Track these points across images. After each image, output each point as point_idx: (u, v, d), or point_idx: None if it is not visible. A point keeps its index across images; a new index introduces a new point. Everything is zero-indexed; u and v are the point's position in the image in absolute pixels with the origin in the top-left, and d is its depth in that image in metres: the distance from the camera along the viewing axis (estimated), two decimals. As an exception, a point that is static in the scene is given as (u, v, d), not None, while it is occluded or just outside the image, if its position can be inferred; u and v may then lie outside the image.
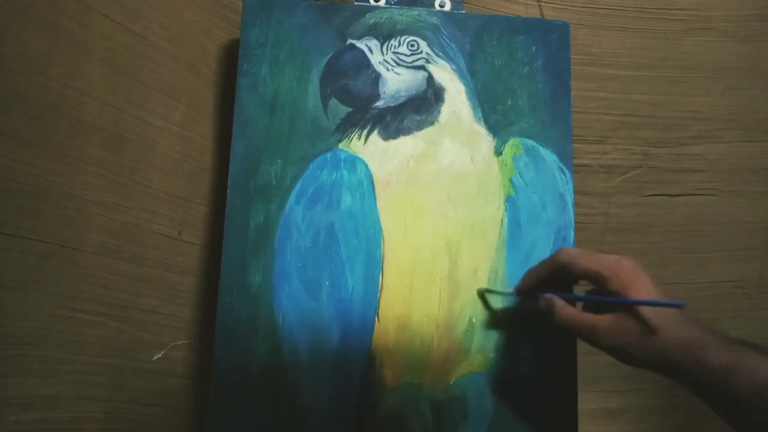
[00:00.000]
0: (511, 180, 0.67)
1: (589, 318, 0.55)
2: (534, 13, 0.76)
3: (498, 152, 0.67)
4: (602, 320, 0.54)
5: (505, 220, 0.66)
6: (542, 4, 0.76)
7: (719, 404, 0.51)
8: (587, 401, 0.66)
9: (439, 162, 0.67)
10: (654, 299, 0.52)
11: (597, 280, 0.56)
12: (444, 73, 0.68)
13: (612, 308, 0.54)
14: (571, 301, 0.59)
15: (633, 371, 0.74)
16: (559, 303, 0.58)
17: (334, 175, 0.65)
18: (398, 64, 0.68)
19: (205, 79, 0.70)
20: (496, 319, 0.65)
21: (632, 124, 0.77)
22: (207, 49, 0.70)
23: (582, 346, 0.66)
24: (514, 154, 0.67)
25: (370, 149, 0.66)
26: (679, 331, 0.51)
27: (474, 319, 0.65)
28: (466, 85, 0.68)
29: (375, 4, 0.69)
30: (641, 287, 0.53)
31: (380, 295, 0.64)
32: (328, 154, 0.65)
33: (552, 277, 0.60)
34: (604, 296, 0.55)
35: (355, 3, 0.69)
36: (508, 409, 0.64)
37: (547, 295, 0.59)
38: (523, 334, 0.65)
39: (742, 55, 0.79)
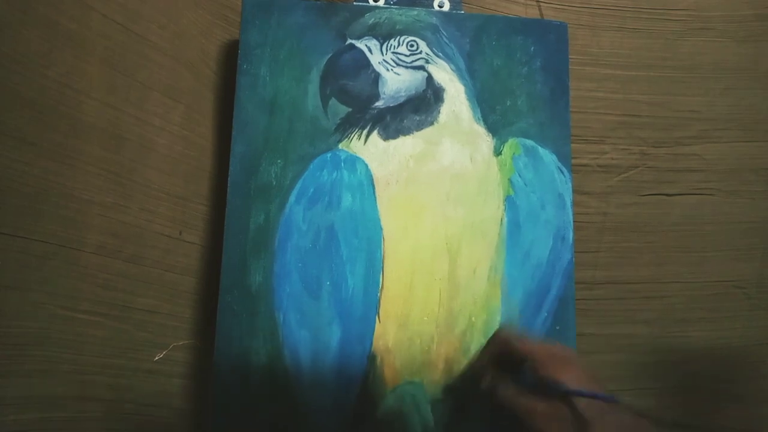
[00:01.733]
0: (510, 180, 0.67)
1: (529, 402, 0.55)
2: (533, 13, 0.76)
3: (497, 152, 0.68)
4: (540, 406, 0.54)
5: (505, 219, 0.66)
6: (541, 4, 0.76)
7: None
8: (586, 401, 0.66)
9: (438, 162, 0.67)
10: (587, 390, 0.52)
11: (533, 364, 0.56)
12: (443, 74, 0.68)
13: (551, 396, 0.54)
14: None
15: (633, 372, 0.74)
16: (501, 383, 0.58)
17: (334, 175, 0.65)
18: (398, 64, 0.68)
19: (204, 79, 0.70)
20: (496, 318, 0.65)
21: (631, 124, 0.77)
22: (207, 50, 0.70)
23: (581, 346, 0.66)
24: (514, 154, 0.68)
25: (370, 149, 0.66)
26: (611, 425, 0.51)
27: (474, 319, 0.65)
28: (465, 85, 0.68)
29: (374, 4, 0.70)
30: (571, 377, 0.53)
31: (380, 295, 0.64)
32: (328, 154, 0.65)
33: (498, 359, 0.60)
34: (547, 383, 0.55)
35: (355, 3, 0.69)
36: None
37: (491, 373, 0.59)
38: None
39: (741, 55, 0.79)
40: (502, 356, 0.60)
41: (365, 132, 0.66)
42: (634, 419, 0.51)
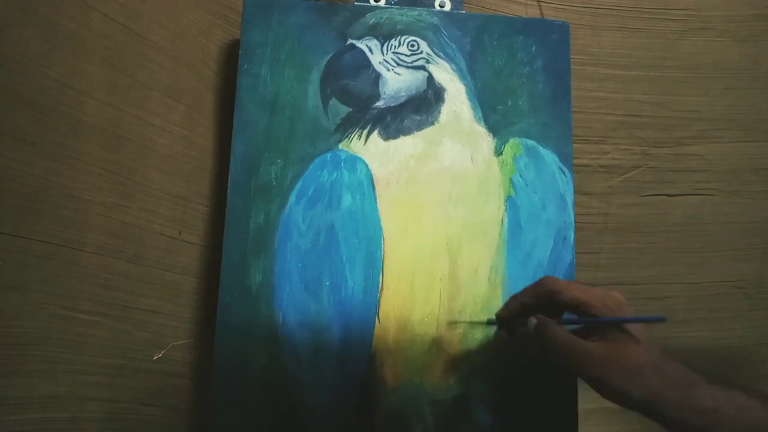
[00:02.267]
0: (511, 180, 0.67)
1: (584, 344, 0.52)
2: (534, 13, 0.76)
3: (498, 152, 0.68)
4: (596, 347, 0.52)
5: (506, 220, 0.66)
6: (542, 4, 0.76)
7: None
8: (587, 401, 0.66)
9: (439, 162, 0.67)
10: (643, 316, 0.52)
11: (585, 311, 0.54)
12: (444, 73, 0.68)
13: (604, 338, 0.52)
14: None
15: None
16: (553, 325, 0.55)
17: (335, 175, 0.65)
18: (398, 64, 0.68)
19: (205, 79, 0.70)
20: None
21: (632, 124, 0.77)
22: (207, 49, 0.70)
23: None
24: (515, 154, 0.68)
25: (371, 149, 0.66)
26: (671, 368, 0.50)
27: (474, 319, 0.65)
28: (466, 85, 0.68)
29: (375, 4, 0.69)
30: (632, 326, 0.52)
31: (380, 295, 0.64)
32: (329, 154, 0.65)
33: (536, 305, 0.58)
34: (592, 318, 0.53)
35: (355, 3, 0.69)
36: (509, 408, 0.64)
37: (537, 316, 0.56)
38: (523, 333, 0.65)
39: (741, 55, 0.79)
40: (540, 305, 0.57)
41: (365, 132, 0.66)
42: (688, 369, 0.50)
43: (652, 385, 0.49)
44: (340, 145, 0.66)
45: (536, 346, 0.56)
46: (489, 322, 0.63)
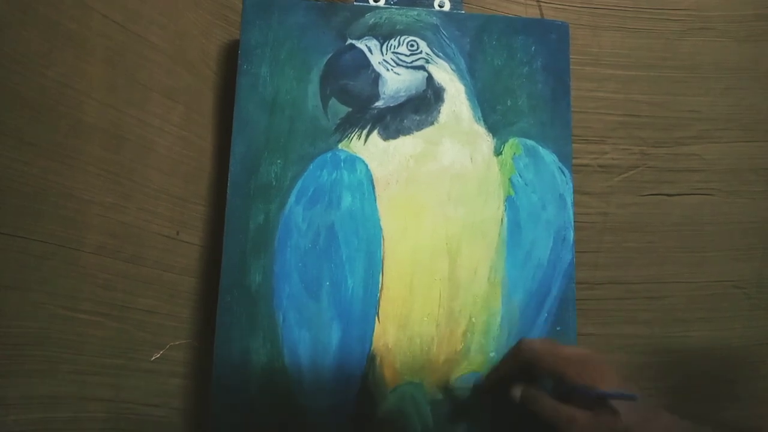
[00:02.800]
0: (510, 180, 0.67)
1: (570, 410, 0.54)
2: (533, 13, 0.76)
3: (498, 152, 0.68)
4: (582, 415, 0.53)
5: (505, 219, 0.66)
6: (542, 4, 0.76)
7: None
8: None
9: (438, 162, 0.67)
10: (623, 391, 0.53)
11: (562, 380, 0.56)
12: (443, 73, 0.68)
13: (584, 403, 0.54)
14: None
15: (633, 371, 0.74)
16: (537, 394, 0.57)
17: (334, 175, 0.65)
18: (398, 64, 0.68)
19: (204, 79, 0.70)
20: (496, 319, 0.65)
21: (631, 124, 0.77)
22: (207, 50, 0.70)
23: (581, 345, 0.66)
24: (514, 153, 0.68)
25: (370, 149, 0.66)
26: (653, 426, 0.51)
27: (474, 319, 0.65)
28: (465, 85, 0.68)
29: (374, 4, 0.69)
30: (608, 384, 0.53)
31: (380, 295, 0.64)
32: (328, 154, 0.66)
33: (516, 373, 0.60)
34: (574, 386, 0.55)
35: (355, 3, 0.69)
36: (508, 408, 0.64)
37: (520, 385, 0.59)
38: (523, 334, 0.65)
39: (741, 55, 0.79)
40: (520, 372, 0.59)
41: (365, 132, 0.66)
42: (675, 422, 0.52)
43: None
44: (340, 145, 0.66)
45: (528, 410, 0.58)
46: (475, 390, 0.64)
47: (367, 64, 0.68)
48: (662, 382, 0.75)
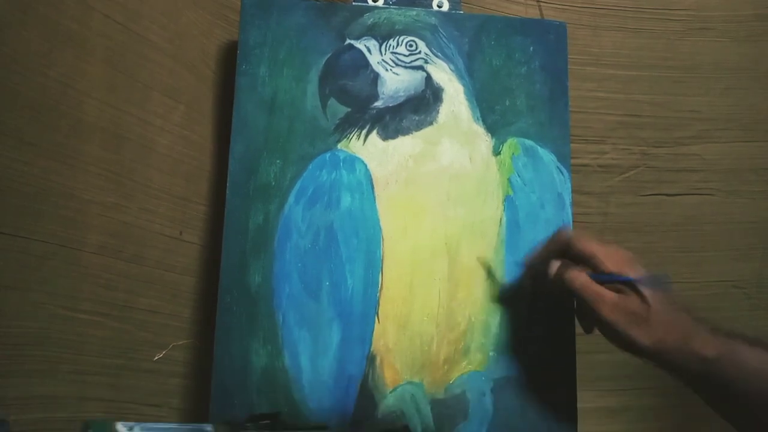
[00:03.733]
0: (509, 180, 0.67)
1: (599, 289, 0.55)
2: (533, 13, 0.76)
3: (496, 152, 0.68)
4: (609, 295, 0.55)
5: (504, 219, 0.66)
6: (542, 4, 0.76)
7: (707, 392, 0.52)
8: (586, 400, 0.66)
9: (437, 162, 0.67)
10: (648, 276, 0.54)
11: (591, 263, 0.57)
12: (442, 74, 0.68)
13: (615, 288, 0.55)
14: None
15: (632, 371, 0.74)
16: (574, 270, 0.58)
17: (333, 175, 0.65)
18: (397, 65, 0.68)
19: (204, 79, 0.70)
20: (495, 318, 0.65)
21: (631, 124, 0.77)
22: (207, 49, 0.70)
23: (581, 345, 0.66)
24: (513, 153, 0.68)
25: (369, 149, 0.66)
26: (675, 317, 0.53)
27: (474, 318, 0.65)
28: (464, 85, 0.68)
29: (373, 4, 0.70)
30: (637, 274, 0.55)
31: (380, 295, 0.64)
32: (327, 154, 0.66)
33: (556, 255, 0.60)
34: (608, 273, 0.56)
35: (354, 3, 0.69)
36: (508, 407, 0.64)
37: (558, 262, 0.59)
38: (523, 333, 0.65)
39: (741, 55, 0.79)
40: (561, 253, 0.60)
41: (364, 132, 0.66)
42: (694, 319, 0.53)
43: (656, 333, 0.52)
44: (339, 145, 0.66)
45: (557, 288, 0.59)
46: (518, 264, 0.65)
47: (366, 64, 0.68)
48: (662, 382, 0.74)
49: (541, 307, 0.65)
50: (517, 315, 0.65)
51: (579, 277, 0.57)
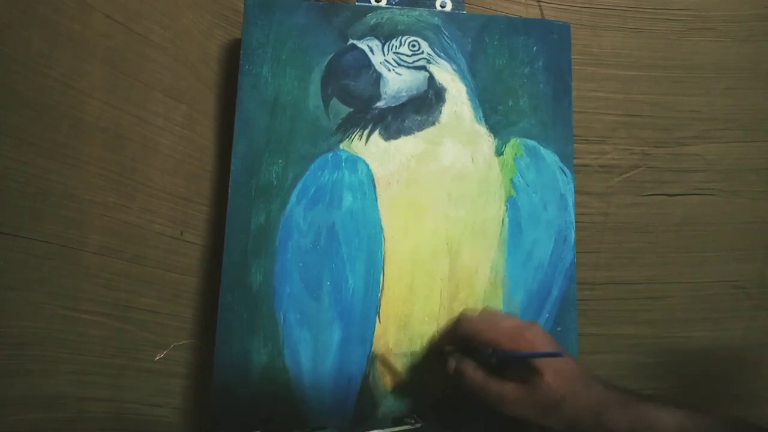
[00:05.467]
0: (512, 180, 0.67)
1: (498, 386, 0.55)
2: (534, 13, 0.76)
3: (499, 152, 0.68)
4: (510, 389, 0.54)
5: (506, 220, 0.66)
6: (542, 4, 0.76)
7: None
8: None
9: (440, 162, 0.67)
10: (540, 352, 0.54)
11: (499, 347, 0.56)
12: (445, 74, 0.68)
13: (518, 375, 0.54)
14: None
15: (633, 371, 0.74)
16: (469, 368, 0.57)
17: (335, 175, 0.65)
18: (399, 65, 0.68)
19: (205, 79, 0.70)
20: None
21: (632, 124, 0.77)
22: (208, 49, 0.70)
23: (582, 345, 0.66)
24: (515, 154, 0.68)
25: (371, 149, 0.66)
26: (583, 397, 0.52)
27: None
28: (467, 86, 0.68)
29: (376, 4, 0.69)
30: (541, 349, 0.54)
31: (381, 295, 0.64)
32: (329, 154, 0.66)
33: (459, 344, 0.60)
34: (503, 352, 0.55)
35: (356, 3, 0.69)
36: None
37: (455, 358, 0.59)
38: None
39: (742, 55, 0.79)
40: (464, 342, 0.59)
41: (366, 132, 0.66)
42: (603, 390, 0.52)
43: (569, 418, 0.52)
44: (341, 145, 0.66)
45: (460, 387, 0.58)
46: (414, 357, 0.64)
47: (369, 64, 0.68)
48: (663, 382, 0.75)
49: (543, 308, 0.65)
50: (519, 316, 0.65)
51: (476, 377, 0.56)
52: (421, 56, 0.68)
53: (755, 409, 0.75)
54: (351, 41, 0.68)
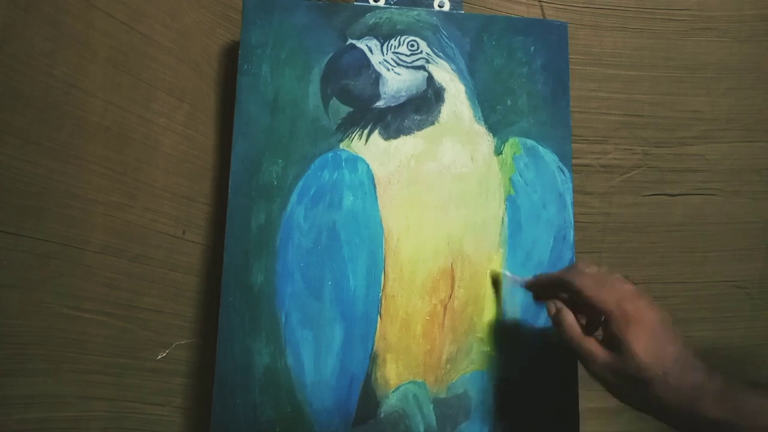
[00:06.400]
0: (511, 179, 0.67)
1: (591, 345, 0.53)
2: (535, 13, 0.76)
3: (498, 152, 0.68)
4: (602, 352, 0.52)
5: (506, 219, 0.66)
6: (543, 4, 0.76)
7: None
8: (588, 400, 0.66)
9: (439, 161, 0.67)
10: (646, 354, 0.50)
11: (598, 314, 0.54)
12: (444, 73, 0.68)
13: (613, 343, 0.52)
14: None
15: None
16: (569, 318, 0.56)
17: (336, 175, 0.65)
18: (398, 64, 0.68)
19: (207, 78, 0.70)
20: (498, 317, 0.65)
21: (633, 124, 0.77)
22: (209, 49, 0.71)
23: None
24: (514, 153, 0.68)
25: (371, 149, 0.66)
26: (676, 380, 0.49)
27: (476, 318, 0.65)
28: (466, 85, 0.68)
29: (375, 4, 0.70)
30: (638, 340, 0.51)
31: (382, 294, 0.64)
32: (329, 154, 0.66)
33: (561, 290, 0.58)
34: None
35: (355, 3, 0.69)
36: (510, 407, 0.64)
37: (558, 304, 0.57)
38: (525, 333, 0.65)
39: (743, 55, 0.79)
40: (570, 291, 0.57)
41: (366, 132, 0.66)
42: (701, 375, 0.49)
43: (654, 399, 0.49)
44: (341, 145, 0.66)
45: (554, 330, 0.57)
46: (521, 285, 0.63)
47: (368, 64, 0.68)
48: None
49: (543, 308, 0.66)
50: (519, 315, 0.65)
51: (573, 331, 0.55)
52: (419, 56, 0.68)
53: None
54: (350, 41, 0.68)
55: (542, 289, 0.61)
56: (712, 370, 0.49)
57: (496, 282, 0.65)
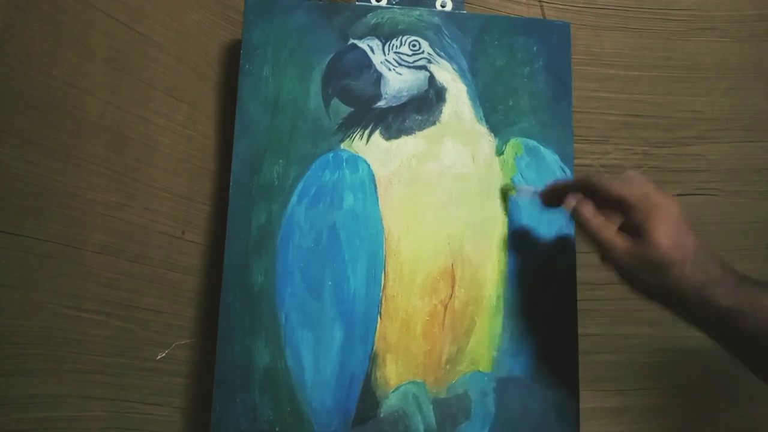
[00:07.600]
0: (512, 179, 0.67)
1: (611, 234, 0.54)
2: (536, 13, 0.76)
3: (499, 152, 0.68)
4: (621, 240, 0.53)
5: (507, 219, 0.66)
6: (544, 4, 0.76)
7: (727, 343, 0.51)
8: (588, 400, 0.66)
9: (440, 162, 0.67)
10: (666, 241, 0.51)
11: (622, 207, 0.54)
12: (445, 73, 0.68)
13: (633, 230, 0.53)
14: None
15: (634, 371, 0.74)
16: (588, 209, 0.56)
17: (336, 175, 0.65)
18: (400, 64, 0.68)
19: (207, 78, 0.70)
20: (498, 318, 0.65)
21: (634, 124, 0.77)
22: (209, 49, 0.71)
23: (583, 346, 0.66)
24: (516, 153, 0.68)
25: (372, 149, 0.66)
26: (693, 267, 0.50)
27: (476, 318, 0.65)
28: (467, 85, 0.68)
29: (376, 4, 0.70)
30: (661, 226, 0.52)
31: (382, 295, 0.64)
32: (330, 154, 0.66)
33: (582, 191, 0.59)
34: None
35: (357, 3, 0.69)
36: (510, 407, 0.64)
37: (577, 196, 0.58)
38: (525, 332, 0.65)
39: (743, 56, 0.79)
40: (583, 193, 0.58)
41: (367, 132, 0.66)
42: (716, 266, 0.51)
43: (670, 284, 0.51)
44: (342, 145, 0.66)
45: (573, 220, 0.58)
46: (536, 192, 0.64)
47: (369, 63, 0.68)
48: (664, 382, 0.75)
49: (544, 308, 0.66)
50: (520, 315, 0.65)
51: (592, 219, 0.55)
52: (421, 56, 0.68)
53: (754, 409, 0.75)
54: (351, 41, 0.68)
55: (556, 197, 0.61)
56: (728, 265, 0.51)
57: (505, 197, 0.66)
